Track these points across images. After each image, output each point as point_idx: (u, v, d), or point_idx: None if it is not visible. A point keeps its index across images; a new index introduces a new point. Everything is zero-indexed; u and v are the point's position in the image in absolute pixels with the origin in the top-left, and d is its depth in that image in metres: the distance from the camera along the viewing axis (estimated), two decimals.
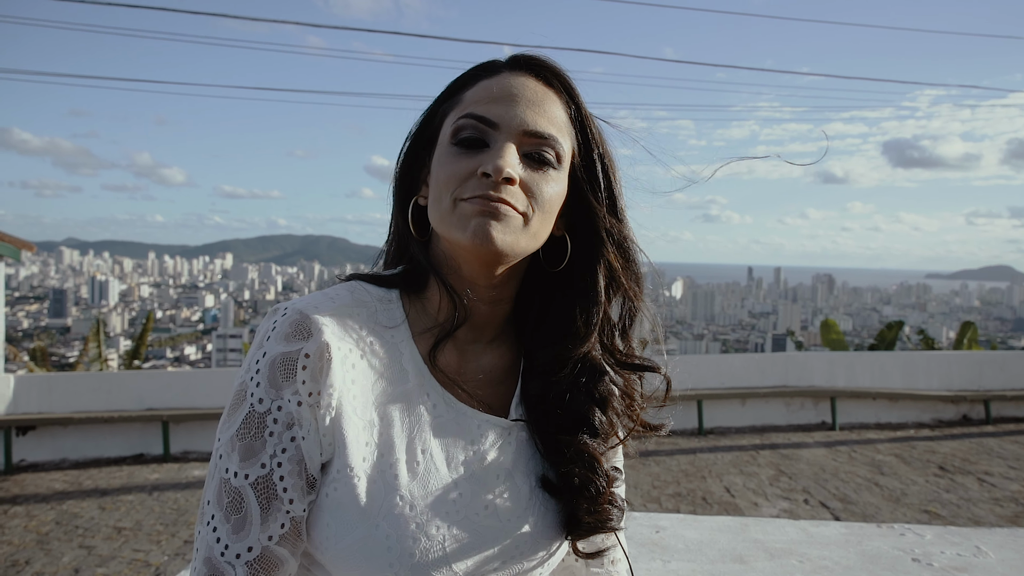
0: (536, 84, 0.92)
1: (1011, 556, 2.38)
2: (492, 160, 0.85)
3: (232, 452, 0.82)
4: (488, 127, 0.88)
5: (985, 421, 10.19)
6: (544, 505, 0.96)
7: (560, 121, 0.92)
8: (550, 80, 0.94)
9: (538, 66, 0.94)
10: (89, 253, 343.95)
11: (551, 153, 0.89)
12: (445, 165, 0.89)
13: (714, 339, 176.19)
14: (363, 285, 0.95)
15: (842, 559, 2.36)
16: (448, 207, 0.88)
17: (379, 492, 0.84)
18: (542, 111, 0.90)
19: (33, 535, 5.99)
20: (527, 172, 0.88)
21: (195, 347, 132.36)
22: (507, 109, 0.89)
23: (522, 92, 0.90)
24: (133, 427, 9.03)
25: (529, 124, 0.88)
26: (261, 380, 0.83)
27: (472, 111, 0.89)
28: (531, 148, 0.89)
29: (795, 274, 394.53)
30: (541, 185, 0.89)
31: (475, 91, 0.92)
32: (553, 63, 0.95)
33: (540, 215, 0.89)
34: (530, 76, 0.93)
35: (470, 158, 0.88)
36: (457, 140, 0.89)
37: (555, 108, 0.92)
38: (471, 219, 0.85)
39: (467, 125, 0.88)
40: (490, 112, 0.88)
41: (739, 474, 7.70)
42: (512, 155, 0.86)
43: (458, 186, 0.87)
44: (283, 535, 0.82)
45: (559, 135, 0.90)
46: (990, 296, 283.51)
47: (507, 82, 0.91)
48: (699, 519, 2.78)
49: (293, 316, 0.85)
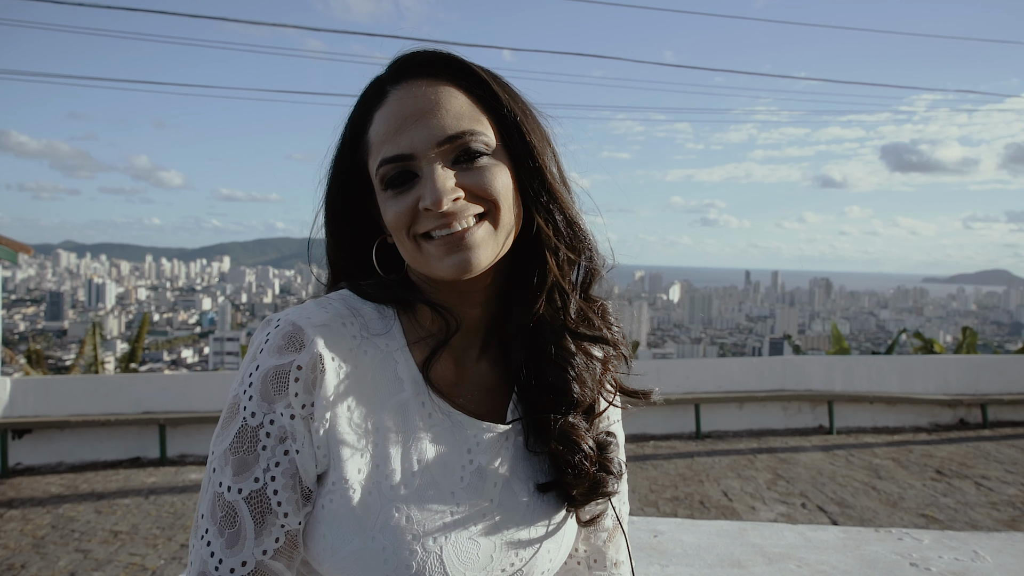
0: (426, 86, 0.88)
1: (1008, 560, 2.38)
2: (429, 193, 0.83)
3: (225, 466, 0.82)
4: (407, 161, 0.85)
5: (982, 425, 10.19)
6: (543, 510, 0.95)
7: (466, 109, 0.88)
8: (438, 73, 0.89)
9: (420, 64, 0.90)
10: (86, 256, 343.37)
11: (476, 144, 0.86)
12: (388, 211, 0.88)
13: (712, 343, 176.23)
14: (356, 295, 0.94)
15: (840, 564, 2.36)
16: (413, 247, 0.87)
17: (375, 503, 0.84)
18: (444, 111, 0.86)
19: (29, 539, 5.97)
20: (465, 175, 0.86)
21: (192, 350, 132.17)
22: (413, 132, 0.85)
23: (417, 105, 0.86)
24: (130, 430, 9.00)
25: (439, 133, 0.85)
26: (254, 394, 0.82)
27: (384, 155, 0.86)
28: (455, 152, 0.86)
29: (792, 278, 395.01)
30: (485, 180, 0.86)
31: (375, 127, 0.89)
32: (433, 51, 0.91)
33: (502, 206, 0.87)
34: (416, 80, 0.88)
35: (407, 194, 0.86)
36: (386, 186, 0.87)
37: (455, 99, 0.87)
38: (443, 258, 0.85)
39: (388, 170, 0.86)
40: (399, 146, 0.85)
41: (737, 478, 7.70)
42: (442, 176, 0.84)
43: (409, 225, 0.86)
44: (278, 549, 0.82)
45: (472, 124, 0.87)
46: (987, 300, 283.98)
47: (398, 103, 0.87)
48: (697, 523, 2.77)
49: (286, 328, 0.84)
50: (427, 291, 0.93)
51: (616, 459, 1.00)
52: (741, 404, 10.21)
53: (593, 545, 1.09)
